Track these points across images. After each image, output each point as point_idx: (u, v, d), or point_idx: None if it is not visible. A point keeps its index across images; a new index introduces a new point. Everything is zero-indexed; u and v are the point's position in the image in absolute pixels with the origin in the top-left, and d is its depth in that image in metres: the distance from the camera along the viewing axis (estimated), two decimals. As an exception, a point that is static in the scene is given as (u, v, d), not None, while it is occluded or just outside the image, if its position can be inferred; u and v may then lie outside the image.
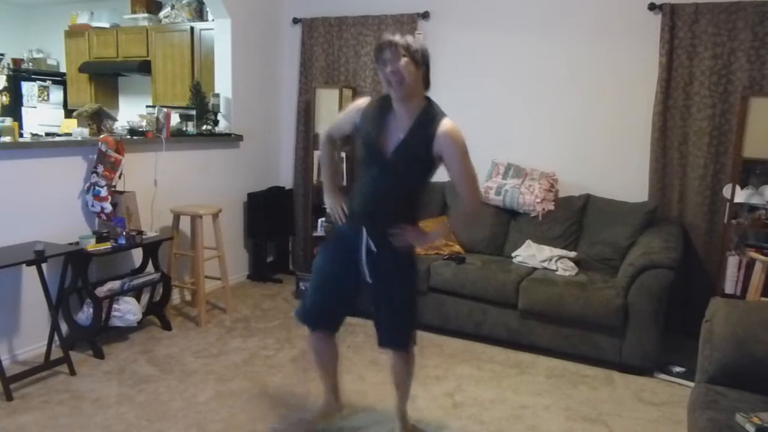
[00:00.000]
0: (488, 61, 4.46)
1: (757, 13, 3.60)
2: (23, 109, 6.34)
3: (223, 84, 4.73)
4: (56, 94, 6.62)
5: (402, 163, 2.22)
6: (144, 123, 4.13)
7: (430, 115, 2.21)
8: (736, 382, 2.18)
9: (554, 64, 4.25)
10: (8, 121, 3.70)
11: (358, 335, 3.78)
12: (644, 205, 3.83)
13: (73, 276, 3.30)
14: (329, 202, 2.51)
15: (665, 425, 2.82)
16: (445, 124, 2.19)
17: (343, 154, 4.73)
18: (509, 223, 4.19)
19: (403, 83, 2.12)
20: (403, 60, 2.09)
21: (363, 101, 2.36)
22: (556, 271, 3.70)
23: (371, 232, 2.29)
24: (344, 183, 4.78)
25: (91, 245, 3.30)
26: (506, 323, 3.62)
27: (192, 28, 5.60)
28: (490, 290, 3.61)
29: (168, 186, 4.13)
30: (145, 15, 6.03)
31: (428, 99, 2.26)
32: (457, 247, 4.12)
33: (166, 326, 3.79)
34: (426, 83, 2.23)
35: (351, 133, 2.45)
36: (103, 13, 6.38)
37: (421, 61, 2.15)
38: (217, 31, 4.75)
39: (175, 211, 3.95)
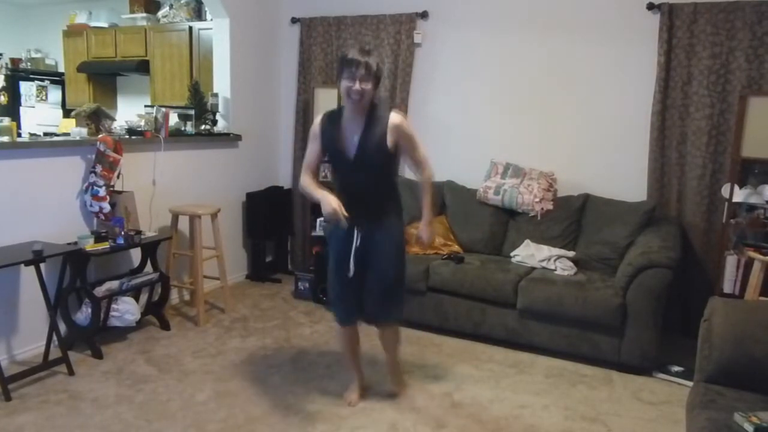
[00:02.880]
0: (487, 61, 4.46)
1: (756, 13, 3.60)
2: (21, 109, 6.33)
3: (221, 84, 4.73)
4: (54, 93, 6.61)
5: (364, 158, 2.59)
6: (142, 123, 4.12)
7: (376, 115, 2.60)
8: (735, 382, 2.18)
9: (553, 64, 4.25)
10: (6, 121, 3.70)
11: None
12: (643, 205, 3.83)
13: (72, 276, 3.30)
14: (329, 204, 2.52)
15: (664, 425, 2.82)
16: (393, 117, 2.60)
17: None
18: (508, 222, 4.19)
19: (361, 101, 2.52)
20: (369, 85, 2.49)
21: (317, 122, 2.73)
22: (555, 270, 3.70)
23: (360, 221, 2.63)
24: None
25: (90, 245, 3.29)
26: (505, 323, 3.62)
27: (190, 28, 5.60)
28: (489, 290, 3.61)
29: (166, 186, 4.12)
30: (144, 15, 6.02)
31: (373, 103, 2.61)
32: (456, 246, 4.12)
33: (165, 326, 3.79)
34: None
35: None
36: (101, 13, 6.37)
37: (378, 82, 2.56)
38: (216, 31, 4.74)
39: (174, 211, 3.95)
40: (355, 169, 2.62)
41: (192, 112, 4.43)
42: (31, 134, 4.02)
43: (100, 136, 3.60)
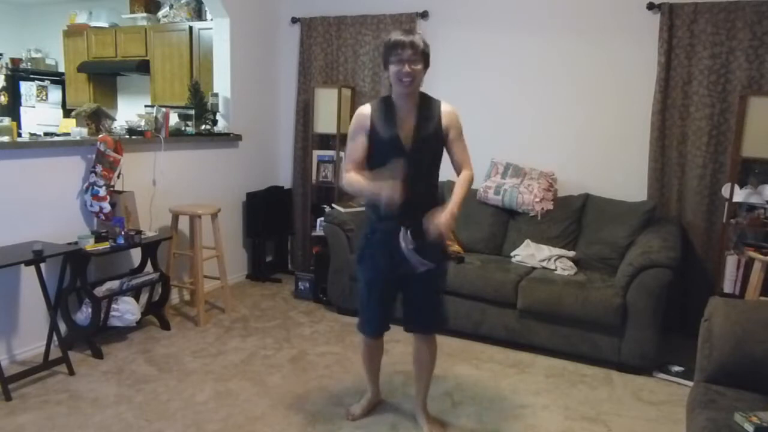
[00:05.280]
0: (487, 61, 4.46)
1: (756, 13, 3.60)
2: (22, 109, 6.33)
3: (221, 83, 4.73)
4: (55, 93, 6.61)
5: (420, 150, 2.42)
6: (143, 122, 4.12)
7: (427, 101, 2.48)
8: (735, 382, 2.18)
9: (553, 64, 4.25)
10: (7, 121, 3.70)
11: (357, 335, 3.77)
12: (643, 205, 3.83)
13: (72, 276, 3.30)
14: (391, 191, 2.22)
15: (664, 424, 2.82)
16: (445, 104, 2.49)
17: (342, 154, 4.72)
18: (508, 222, 4.19)
19: (413, 83, 2.36)
20: (419, 65, 2.34)
21: (364, 109, 2.48)
22: (555, 270, 3.70)
23: (410, 225, 2.39)
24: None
25: (90, 245, 3.29)
26: (505, 323, 3.62)
27: (191, 28, 5.60)
28: (489, 290, 3.61)
29: (167, 186, 4.12)
30: (144, 15, 6.03)
31: (420, 91, 2.47)
32: (456, 246, 4.12)
33: (165, 326, 3.79)
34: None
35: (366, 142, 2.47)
36: (101, 13, 6.37)
37: (427, 62, 2.40)
38: (216, 31, 4.75)
39: (174, 211, 3.95)
40: (411, 162, 2.38)
41: (192, 112, 4.42)
42: (32, 134, 4.03)
43: (100, 135, 3.60)
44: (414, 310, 2.60)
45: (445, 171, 2.60)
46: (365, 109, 2.47)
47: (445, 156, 2.54)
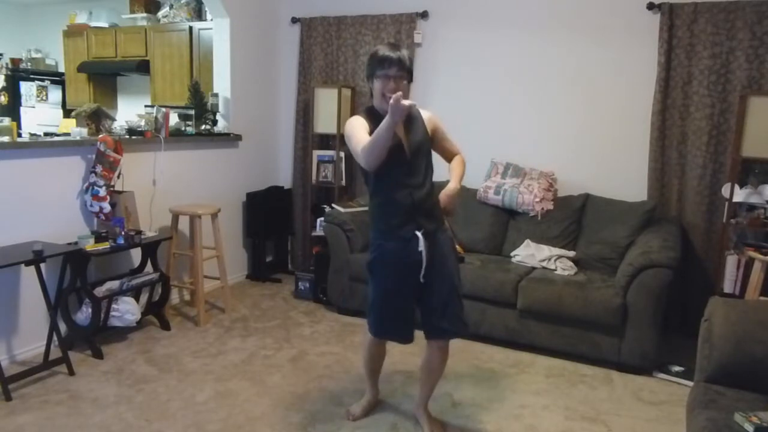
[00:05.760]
0: (487, 61, 4.45)
1: (756, 13, 3.60)
2: (22, 109, 6.33)
3: (221, 84, 4.73)
4: (55, 93, 6.61)
5: (418, 155, 2.45)
6: (143, 123, 4.12)
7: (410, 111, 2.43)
8: (735, 382, 2.18)
9: (553, 64, 4.25)
10: (7, 121, 3.70)
11: (357, 335, 3.78)
12: (643, 205, 3.83)
13: (72, 276, 3.30)
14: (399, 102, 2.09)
15: (664, 424, 2.82)
16: (423, 111, 2.57)
17: (342, 154, 4.73)
18: (508, 222, 4.19)
19: None
20: (404, 81, 2.37)
21: (360, 117, 2.47)
22: (555, 270, 3.70)
23: (423, 228, 2.44)
24: (343, 182, 4.79)
25: (90, 245, 3.29)
26: (505, 323, 3.62)
27: (191, 28, 5.60)
28: (489, 290, 3.61)
29: (167, 186, 4.12)
30: (144, 15, 6.03)
31: None
32: (456, 246, 4.12)
33: (165, 326, 3.79)
34: None
35: None
36: (101, 13, 6.37)
37: (411, 76, 2.43)
38: (216, 31, 4.75)
39: (174, 211, 3.95)
40: (410, 168, 2.42)
41: (192, 112, 4.42)
42: (32, 134, 4.02)
43: (100, 136, 3.60)
44: (434, 315, 2.52)
45: (446, 171, 2.60)
46: (359, 117, 2.46)
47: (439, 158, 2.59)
